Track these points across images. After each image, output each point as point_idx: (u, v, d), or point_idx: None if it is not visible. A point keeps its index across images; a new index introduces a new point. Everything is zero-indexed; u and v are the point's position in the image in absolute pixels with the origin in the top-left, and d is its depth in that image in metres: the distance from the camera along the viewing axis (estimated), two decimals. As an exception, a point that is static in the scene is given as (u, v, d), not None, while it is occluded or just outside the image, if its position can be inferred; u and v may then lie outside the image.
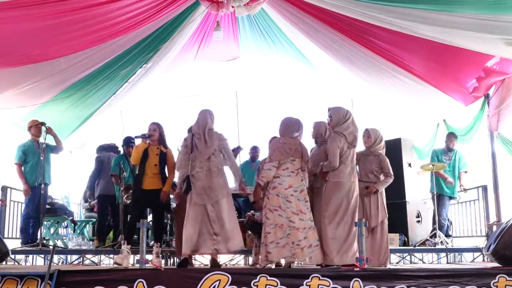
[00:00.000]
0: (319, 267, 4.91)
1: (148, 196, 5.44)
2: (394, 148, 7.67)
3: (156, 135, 5.59)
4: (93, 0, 5.64)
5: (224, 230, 4.93)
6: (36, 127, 6.74)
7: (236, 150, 5.73)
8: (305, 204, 4.96)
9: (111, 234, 7.13)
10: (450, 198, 7.56)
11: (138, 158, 5.56)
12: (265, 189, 5.10)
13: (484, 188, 7.21)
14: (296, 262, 5.06)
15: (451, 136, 7.67)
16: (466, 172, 7.53)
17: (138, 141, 5.84)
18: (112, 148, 7.78)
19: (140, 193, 5.48)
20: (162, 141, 5.62)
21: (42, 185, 6.37)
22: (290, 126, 5.18)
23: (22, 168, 6.68)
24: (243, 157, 8.45)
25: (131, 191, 6.86)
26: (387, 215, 5.50)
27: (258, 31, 7.88)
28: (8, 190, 6.95)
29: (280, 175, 4.99)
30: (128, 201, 6.84)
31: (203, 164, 5.05)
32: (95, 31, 6.23)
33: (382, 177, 5.57)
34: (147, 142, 5.58)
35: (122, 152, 7.26)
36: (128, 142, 7.22)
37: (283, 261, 5.15)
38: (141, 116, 9.70)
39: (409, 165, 7.63)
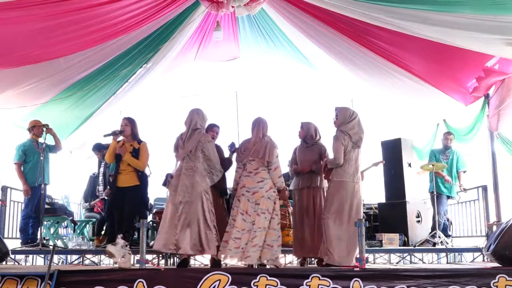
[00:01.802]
0: (318, 267, 4.92)
1: (123, 194, 5.35)
2: (394, 148, 7.69)
3: (128, 130, 5.47)
4: (93, 0, 5.64)
5: (192, 232, 4.86)
6: (38, 128, 6.74)
7: (231, 147, 5.70)
8: (253, 207, 4.94)
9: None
10: (448, 197, 7.55)
11: (110, 156, 5.46)
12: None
13: (484, 188, 7.21)
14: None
15: (447, 134, 7.71)
16: (465, 171, 7.52)
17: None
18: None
19: (116, 191, 5.41)
20: (135, 136, 5.48)
21: (42, 185, 6.39)
22: (251, 127, 5.29)
23: (22, 168, 6.67)
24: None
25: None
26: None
27: (258, 31, 7.88)
28: (8, 190, 6.95)
29: (241, 176, 5.12)
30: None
31: (179, 163, 5.06)
32: (95, 31, 6.23)
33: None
34: (120, 139, 5.44)
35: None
36: (128, 142, 7.23)
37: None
38: (141, 116, 9.70)
39: (409, 165, 7.63)
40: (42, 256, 6.31)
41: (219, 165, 5.15)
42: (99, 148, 7.58)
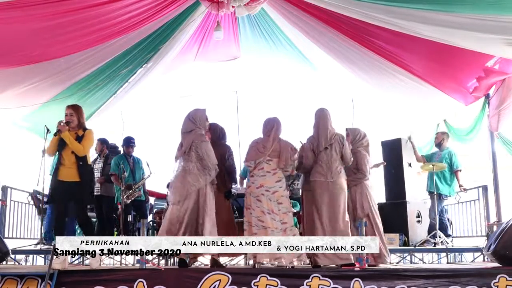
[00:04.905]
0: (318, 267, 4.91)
1: (66, 189, 5.14)
2: (394, 148, 7.68)
3: (74, 120, 5.27)
4: (93, 0, 5.64)
5: (185, 230, 4.82)
6: None
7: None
8: (277, 206, 4.94)
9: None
10: (445, 196, 7.52)
11: (51, 148, 5.20)
12: None
13: (484, 188, 7.21)
14: (296, 262, 5.03)
15: (437, 133, 7.77)
16: (460, 170, 7.47)
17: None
18: (112, 148, 7.79)
19: (56, 185, 5.16)
20: (81, 125, 5.30)
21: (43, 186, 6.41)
22: (265, 125, 5.24)
23: None
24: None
25: (130, 190, 6.88)
26: (373, 214, 5.45)
27: (259, 31, 7.88)
28: (8, 190, 6.95)
29: (254, 175, 5.06)
30: (128, 201, 6.87)
31: (177, 165, 5.06)
32: (95, 31, 6.23)
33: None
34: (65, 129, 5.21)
35: (122, 152, 7.28)
36: (128, 142, 7.26)
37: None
38: (141, 116, 9.72)
39: (409, 165, 7.63)
40: (42, 256, 6.31)
41: (214, 164, 5.04)
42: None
